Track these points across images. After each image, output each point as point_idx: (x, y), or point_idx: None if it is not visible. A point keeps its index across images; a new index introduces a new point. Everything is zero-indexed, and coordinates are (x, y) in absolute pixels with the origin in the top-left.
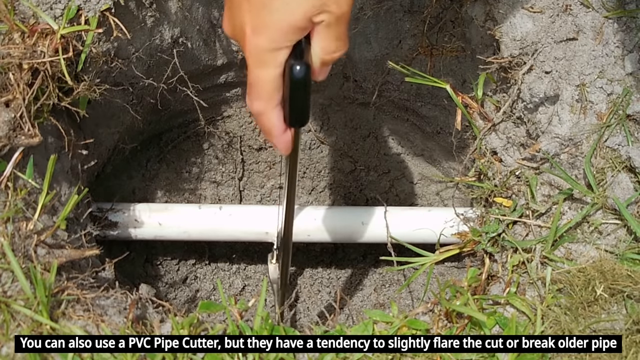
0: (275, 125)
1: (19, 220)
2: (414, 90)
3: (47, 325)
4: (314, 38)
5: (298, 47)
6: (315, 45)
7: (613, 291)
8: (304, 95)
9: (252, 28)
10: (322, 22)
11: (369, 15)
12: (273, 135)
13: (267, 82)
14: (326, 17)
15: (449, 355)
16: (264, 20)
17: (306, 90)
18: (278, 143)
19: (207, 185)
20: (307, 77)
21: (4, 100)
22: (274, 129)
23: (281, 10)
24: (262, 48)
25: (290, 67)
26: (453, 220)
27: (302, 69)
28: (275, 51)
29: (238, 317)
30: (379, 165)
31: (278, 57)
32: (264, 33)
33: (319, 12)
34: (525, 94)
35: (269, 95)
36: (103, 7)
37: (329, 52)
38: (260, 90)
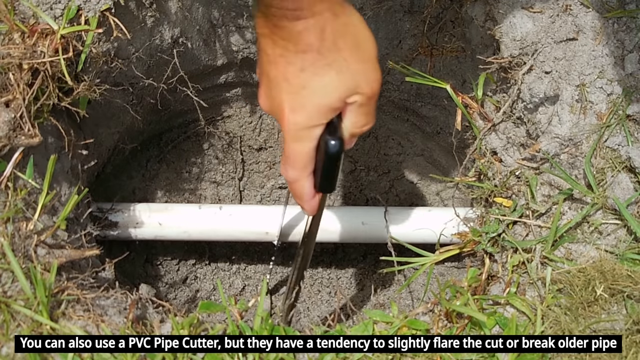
0: (306, 192)
1: (19, 220)
2: (414, 90)
3: (47, 326)
4: (346, 115)
5: (331, 123)
6: (346, 121)
7: (613, 291)
8: (336, 167)
9: (291, 107)
10: (355, 103)
11: (369, 15)
12: (304, 200)
13: (303, 155)
14: (359, 98)
15: (449, 355)
16: (302, 101)
17: (339, 162)
18: (307, 206)
19: (207, 185)
20: (341, 150)
21: (4, 100)
22: (304, 195)
23: (319, 92)
24: (300, 125)
25: (325, 142)
26: (453, 220)
27: (337, 144)
28: (311, 128)
29: (238, 317)
30: (379, 165)
31: (314, 133)
32: (301, 112)
33: (353, 94)
34: (525, 94)
35: (303, 165)
36: (103, 7)
37: (359, 127)
38: (295, 161)
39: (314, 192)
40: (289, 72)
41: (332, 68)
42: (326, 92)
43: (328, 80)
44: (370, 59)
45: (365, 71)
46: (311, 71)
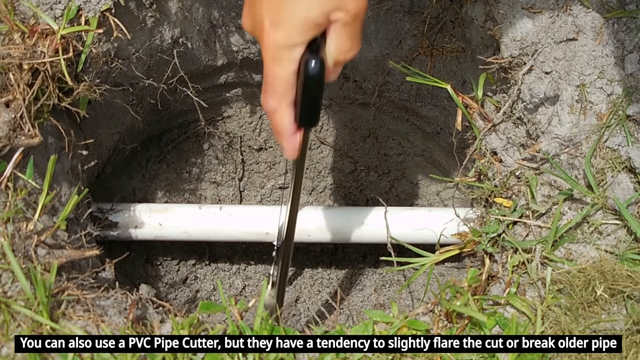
0: (286, 125)
1: (19, 220)
2: (414, 90)
3: (47, 326)
4: (330, 36)
5: (314, 45)
6: (330, 44)
7: (613, 291)
8: (317, 93)
9: (270, 23)
10: (339, 20)
11: (369, 15)
12: (283, 136)
13: (282, 78)
14: (342, 15)
15: (449, 355)
16: (282, 15)
17: (319, 87)
18: (287, 145)
19: (207, 186)
20: (322, 73)
21: (4, 100)
22: (285, 129)
23: (299, 6)
24: (280, 43)
25: (305, 62)
26: (453, 220)
27: (317, 64)
28: (291, 47)
29: (238, 317)
30: (379, 165)
31: (294, 53)
32: (281, 28)
33: (336, 9)
34: (525, 94)
35: (284, 91)
36: (103, 7)
37: (343, 51)
38: (275, 87)
39: (295, 127)
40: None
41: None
42: (307, 4)
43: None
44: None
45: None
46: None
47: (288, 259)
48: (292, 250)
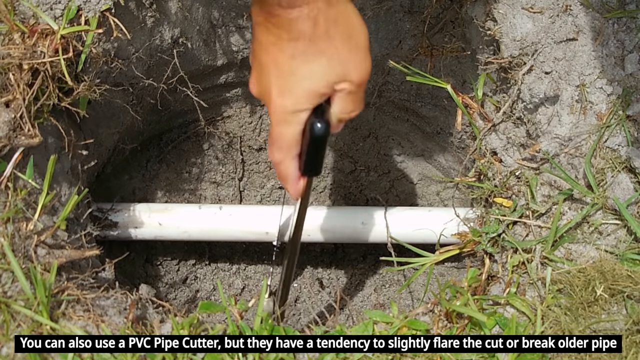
0: (291, 174)
1: (19, 220)
2: (414, 90)
3: (47, 326)
4: (335, 101)
5: (319, 108)
6: (335, 107)
7: (613, 291)
8: (322, 150)
9: (278, 91)
10: (343, 90)
11: (369, 15)
12: (288, 183)
13: (288, 138)
14: (347, 86)
15: (449, 355)
16: (290, 86)
17: (324, 145)
18: (292, 189)
19: (207, 186)
20: (327, 134)
21: (4, 100)
22: (289, 177)
23: (307, 78)
24: (287, 109)
25: (311, 124)
26: (453, 220)
27: (323, 127)
28: (298, 112)
29: (238, 317)
30: (379, 165)
31: (300, 117)
32: (289, 96)
33: (341, 81)
34: (525, 94)
35: (288, 147)
36: (103, 7)
37: (347, 112)
38: (280, 144)
39: (299, 175)
40: (280, 59)
41: (323, 55)
42: (315, 78)
43: (317, 67)
44: (361, 48)
45: (356, 60)
46: (302, 58)
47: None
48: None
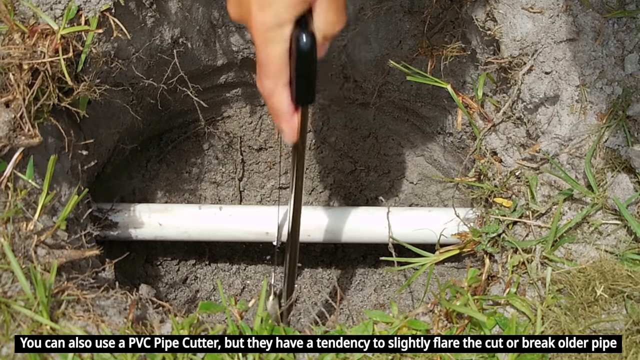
0: (284, 106)
1: (19, 220)
2: (414, 90)
3: (47, 326)
4: (316, 11)
5: (302, 22)
6: (317, 19)
7: (613, 291)
8: (311, 68)
9: (258, 6)
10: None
11: (369, 15)
12: (282, 118)
13: (276, 58)
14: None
15: (448, 355)
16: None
17: (313, 62)
18: (286, 127)
19: (207, 186)
20: (313, 47)
21: (4, 100)
22: (283, 110)
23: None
24: (269, 24)
25: (296, 38)
26: (453, 220)
27: (309, 38)
28: (281, 26)
29: (238, 317)
30: (379, 165)
31: (284, 31)
32: (269, 9)
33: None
34: (525, 94)
35: (278, 72)
36: (103, 7)
37: (331, 25)
38: (269, 68)
39: (292, 108)
40: None
41: None
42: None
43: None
44: None
45: None
46: None
47: (295, 252)
48: (298, 246)
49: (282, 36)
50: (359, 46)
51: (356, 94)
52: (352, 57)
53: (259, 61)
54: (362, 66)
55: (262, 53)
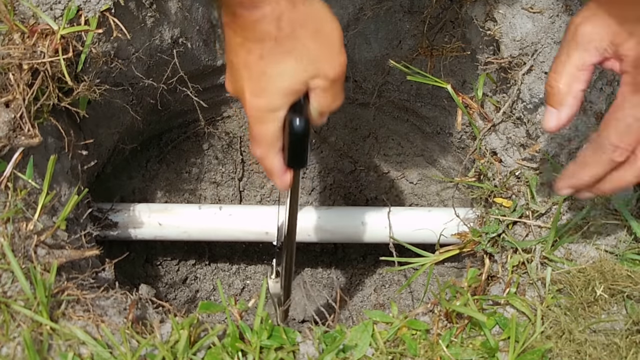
0: (275, 168)
1: (19, 220)
2: (414, 90)
3: (47, 326)
4: (312, 97)
5: (297, 105)
6: (313, 102)
7: (613, 291)
8: (303, 144)
9: (251, 92)
10: (318, 87)
11: (369, 15)
12: (274, 176)
13: (268, 135)
14: (321, 82)
15: (448, 355)
16: (262, 85)
17: (305, 140)
18: (278, 182)
19: (207, 186)
20: (306, 129)
21: (4, 100)
22: (274, 171)
23: (278, 78)
24: (262, 109)
25: (290, 121)
26: (453, 220)
27: (301, 123)
28: (274, 111)
29: (238, 317)
30: (379, 165)
31: (277, 116)
32: (263, 96)
33: (314, 77)
34: (525, 94)
35: (270, 144)
36: (103, 7)
37: (326, 107)
38: (261, 142)
39: (284, 168)
40: (249, 60)
41: (291, 55)
42: (286, 77)
43: (287, 67)
44: (333, 43)
45: (328, 55)
46: (270, 59)
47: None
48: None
49: (275, 118)
50: (359, 46)
51: (356, 94)
52: (352, 57)
53: (250, 133)
54: (362, 66)
55: (255, 129)
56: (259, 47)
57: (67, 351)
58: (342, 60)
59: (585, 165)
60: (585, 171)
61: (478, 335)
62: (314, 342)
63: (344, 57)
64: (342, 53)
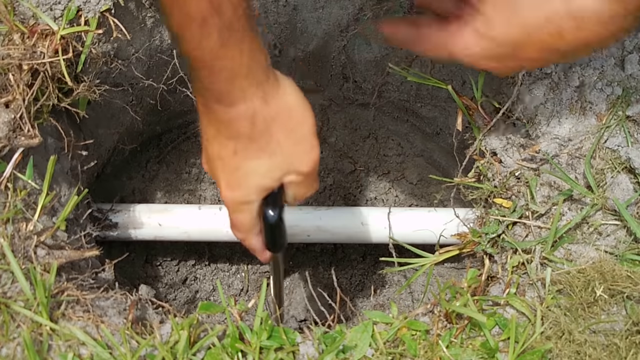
0: (257, 248)
1: (18, 221)
2: (414, 91)
3: (47, 326)
4: (286, 188)
5: (270, 197)
6: (288, 192)
7: (613, 292)
8: (279, 233)
9: (227, 184)
10: (292, 182)
11: (369, 16)
12: (256, 253)
13: (245, 224)
14: (294, 177)
15: (448, 355)
16: (237, 180)
17: (280, 228)
18: (262, 258)
19: (206, 186)
20: (279, 219)
21: (4, 101)
22: (256, 250)
23: (252, 174)
24: (237, 201)
25: (264, 213)
26: (453, 221)
27: (275, 215)
28: (248, 203)
29: (238, 318)
30: (379, 166)
31: (252, 207)
32: (237, 190)
33: (287, 174)
34: (525, 94)
35: (248, 229)
36: (103, 7)
37: (301, 196)
38: (239, 228)
39: (263, 247)
40: (223, 153)
41: (265, 152)
42: (259, 174)
43: (261, 164)
44: (305, 139)
45: (300, 152)
46: (243, 155)
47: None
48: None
49: (251, 209)
50: (358, 47)
51: (356, 94)
52: (351, 58)
53: (230, 219)
54: (362, 67)
55: (232, 217)
56: (233, 143)
57: (67, 352)
58: (314, 156)
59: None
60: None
61: (478, 335)
62: (313, 343)
63: (316, 152)
64: (314, 147)
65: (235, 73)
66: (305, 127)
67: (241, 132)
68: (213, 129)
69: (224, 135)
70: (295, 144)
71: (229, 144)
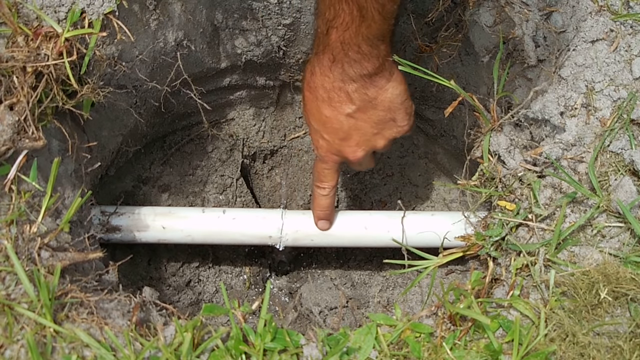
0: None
1: (22, 223)
2: (418, 93)
3: (51, 328)
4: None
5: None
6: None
7: (617, 294)
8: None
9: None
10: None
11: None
12: (328, 210)
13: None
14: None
15: (452, 357)
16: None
17: None
18: (320, 225)
19: (210, 188)
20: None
21: (8, 103)
22: (330, 207)
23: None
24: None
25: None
26: (457, 223)
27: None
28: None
29: (241, 320)
30: (383, 168)
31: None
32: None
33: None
34: (530, 97)
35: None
36: (107, 10)
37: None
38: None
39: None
40: (340, 114)
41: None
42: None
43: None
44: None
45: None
46: (355, 119)
47: None
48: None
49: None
50: None
51: None
52: None
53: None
54: None
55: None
56: (353, 106)
57: (71, 354)
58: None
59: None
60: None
61: (482, 338)
62: (317, 345)
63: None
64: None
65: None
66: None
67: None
68: (327, 90)
69: (344, 100)
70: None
71: (346, 108)
